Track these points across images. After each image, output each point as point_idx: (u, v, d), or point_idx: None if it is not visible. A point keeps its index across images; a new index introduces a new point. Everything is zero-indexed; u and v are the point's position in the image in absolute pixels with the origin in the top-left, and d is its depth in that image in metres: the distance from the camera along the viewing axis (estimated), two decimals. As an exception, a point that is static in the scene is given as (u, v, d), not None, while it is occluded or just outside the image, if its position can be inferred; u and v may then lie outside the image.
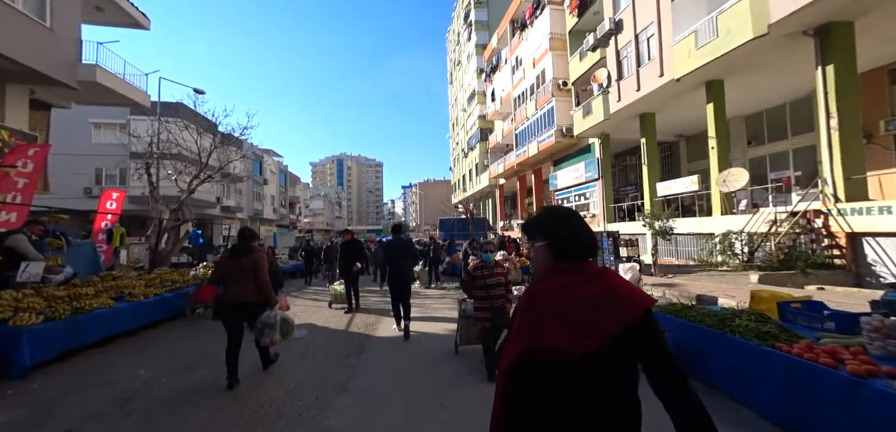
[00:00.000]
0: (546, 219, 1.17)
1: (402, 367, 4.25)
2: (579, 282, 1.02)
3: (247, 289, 3.70)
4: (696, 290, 7.04)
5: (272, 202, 44.33)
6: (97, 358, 4.81)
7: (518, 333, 1.05)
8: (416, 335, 5.40)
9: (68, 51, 9.57)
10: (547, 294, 1.04)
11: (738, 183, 10.63)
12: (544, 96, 21.42)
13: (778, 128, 14.04)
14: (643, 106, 14.37)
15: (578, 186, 20.57)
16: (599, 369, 0.96)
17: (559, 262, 1.08)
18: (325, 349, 5.00)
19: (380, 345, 5.14)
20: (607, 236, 11.92)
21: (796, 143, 13.38)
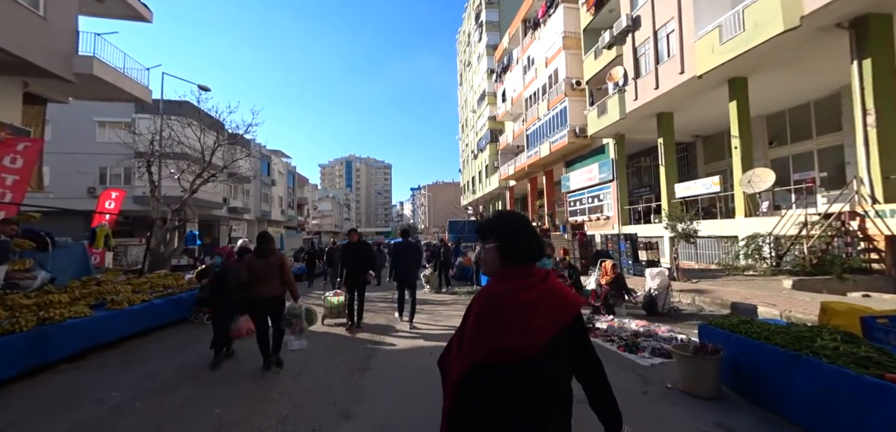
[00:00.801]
0: (499, 223, 1.23)
1: (414, 389, 3.75)
2: (528, 286, 1.10)
3: (273, 286, 4.15)
4: (727, 296, 6.64)
5: (280, 203, 44.54)
6: (67, 375, 4.34)
7: (473, 340, 1.08)
8: (429, 348, 5.08)
9: (64, 42, 9.00)
10: (501, 297, 1.10)
11: (763, 183, 10.13)
12: (557, 96, 21.02)
13: (802, 128, 13.43)
14: (661, 104, 13.90)
15: (592, 188, 20.10)
16: (544, 364, 1.05)
17: (509, 266, 1.15)
18: (325, 363, 4.56)
19: (388, 360, 4.70)
20: (625, 239, 11.53)
21: (822, 143, 12.77)
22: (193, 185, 12.54)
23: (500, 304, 1.09)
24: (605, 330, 5.14)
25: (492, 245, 1.18)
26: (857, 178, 8.47)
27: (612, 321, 5.56)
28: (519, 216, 1.25)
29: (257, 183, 38.07)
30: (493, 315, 1.08)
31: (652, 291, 6.16)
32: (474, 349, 1.05)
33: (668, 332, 4.96)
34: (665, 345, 4.32)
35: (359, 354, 4.91)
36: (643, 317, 6.07)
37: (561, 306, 1.09)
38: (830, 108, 12.36)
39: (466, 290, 10.41)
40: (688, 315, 6.12)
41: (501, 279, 1.15)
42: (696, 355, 3.21)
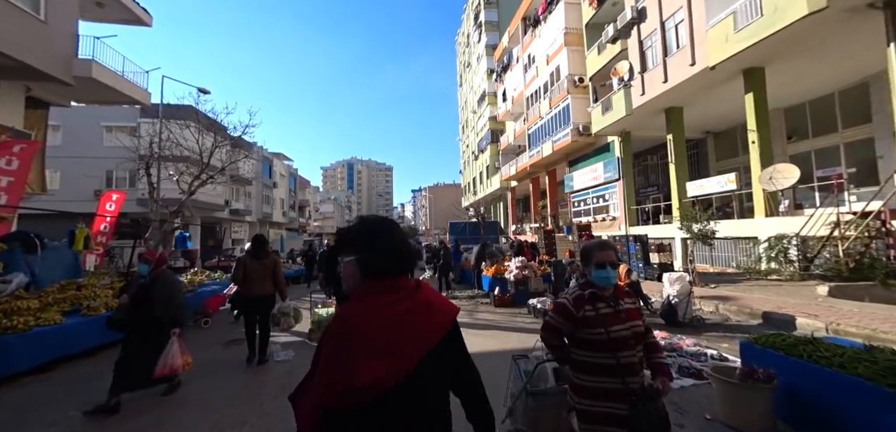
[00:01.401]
0: (358, 232, 1.08)
1: None
2: (395, 301, 0.98)
3: (266, 285, 4.42)
4: (755, 304, 5.96)
5: (281, 205, 44.28)
6: (30, 389, 3.96)
7: (325, 377, 0.92)
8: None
9: (63, 45, 9.16)
10: (359, 321, 0.96)
11: (786, 180, 9.43)
12: (559, 94, 20.41)
13: (825, 121, 12.68)
14: (670, 99, 13.23)
15: (596, 188, 19.41)
16: (416, 387, 0.94)
17: (373, 281, 1.01)
18: (312, 377, 4.12)
19: None
20: (635, 241, 10.85)
21: (849, 137, 12.00)
22: (192, 187, 12.15)
23: (357, 330, 0.94)
24: (620, 344, 4.49)
25: (350, 258, 1.04)
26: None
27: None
28: (382, 221, 1.11)
29: (259, 185, 37.87)
30: (348, 344, 0.93)
31: (671, 298, 5.50)
32: (326, 390, 0.90)
33: (694, 346, 4.31)
34: (694, 364, 3.68)
35: None
36: (662, 327, 5.41)
37: (435, 317, 1.01)
38: (858, 97, 11.59)
39: (468, 294, 9.78)
40: (712, 325, 5.45)
41: (360, 298, 1.01)
42: (744, 381, 2.57)
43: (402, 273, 1.03)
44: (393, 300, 0.97)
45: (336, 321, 1.00)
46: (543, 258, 10.45)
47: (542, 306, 6.31)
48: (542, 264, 9.18)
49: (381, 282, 1.00)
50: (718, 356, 3.90)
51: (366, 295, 1.00)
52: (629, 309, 1.67)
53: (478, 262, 10.05)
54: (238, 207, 31.87)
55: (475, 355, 3.89)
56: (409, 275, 1.07)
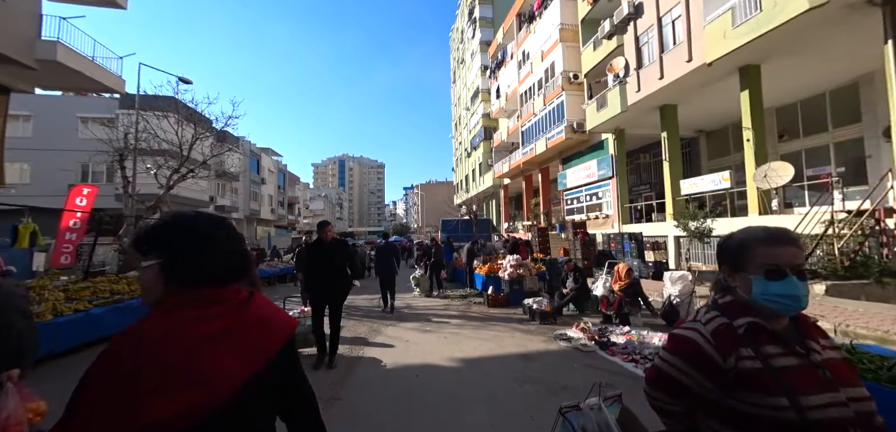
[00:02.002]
0: (165, 229, 0.83)
1: (395, 428, 2.86)
2: (210, 316, 0.78)
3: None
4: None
5: (270, 202, 43.32)
6: None
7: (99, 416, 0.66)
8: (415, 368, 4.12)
9: (24, 26, 8.50)
10: (157, 342, 0.72)
11: (781, 178, 9.37)
12: (554, 90, 20.23)
13: (815, 121, 12.75)
14: (665, 96, 13.13)
15: (590, 185, 19.31)
16: (236, 417, 0.78)
17: (182, 292, 0.80)
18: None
19: (364, 386, 3.74)
20: (630, 239, 10.69)
21: (839, 136, 12.08)
22: (170, 181, 11.51)
23: (151, 356, 0.69)
24: (623, 346, 4.24)
25: (153, 262, 0.80)
26: (893, 171, 7.70)
27: (630, 335, 4.66)
28: (203, 216, 0.88)
29: (246, 181, 36.86)
30: (132, 377, 0.67)
31: (672, 298, 5.28)
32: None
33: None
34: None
35: (328, 379, 3.93)
36: (663, 328, 5.19)
37: (263, 334, 0.83)
38: (848, 97, 11.68)
39: (460, 294, 9.46)
40: (715, 325, 5.25)
41: (161, 314, 0.77)
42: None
43: (225, 281, 0.84)
44: (206, 316, 0.77)
45: (122, 343, 0.73)
46: (538, 256, 10.20)
47: (539, 306, 6.04)
48: (537, 262, 8.93)
49: (193, 293, 0.80)
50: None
51: (169, 308, 0.79)
52: (834, 360, 0.89)
53: (469, 260, 9.75)
54: (224, 204, 30.96)
55: (471, 360, 3.53)
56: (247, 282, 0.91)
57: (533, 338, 5.00)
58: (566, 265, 6.64)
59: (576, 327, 5.10)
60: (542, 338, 4.97)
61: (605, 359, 3.97)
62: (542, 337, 5.05)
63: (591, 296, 6.43)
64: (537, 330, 5.44)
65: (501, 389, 3.35)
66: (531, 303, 6.32)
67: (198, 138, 11.61)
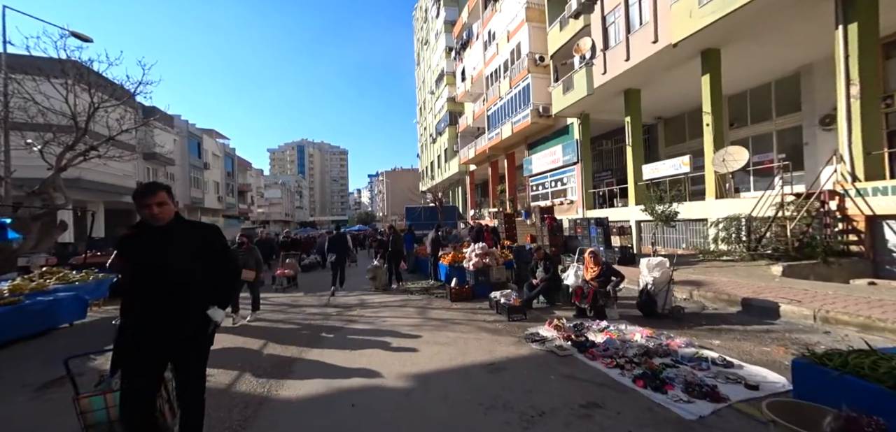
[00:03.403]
0: None
1: None
2: None
3: None
4: (728, 289, 5.57)
5: (216, 189, 39.22)
6: None
7: None
8: (349, 391, 3.22)
9: None
10: None
11: (736, 162, 9.54)
12: (519, 73, 19.72)
13: (761, 109, 13.39)
14: (630, 79, 13.04)
15: (555, 171, 19.25)
16: None
17: None
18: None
19: (278, 419, 2.77)
20: (596, 224, 10.45)
21: (781, 124, 12.76)
22: (61, 161, 9.25)
23: None
24: (603, 348, 3.64)
25: None
26: (837, 155, 7.95)
27: (609, 331, 4.10)
28: None
29: (185, 165, 32.87)
30: None
31: (649, 287, 4.83)
32: None
33: (686, 347, 3.59)
34: (700, 375, 2.89)
35: (235, 410, 2.91)
36: (639, 319, 4.73)
37: None
38: (790, 87, 12.30)
39: (421, 286, 8.61)
40: (691, 315, 4.89)
41: None
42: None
43: None
44: None
45: None
46: (506, 244, 9.62)
47: (506, 300, 5.36)
48: (504, 250, 8.31)
49: None
50: (720, 360, 3.19)
51: None
52: None
53: (434, 249, 8.91)
54: (157, 190, 27.18)
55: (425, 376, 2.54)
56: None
57: (501, 340, 4.29)
58: (535, 253, 6.02)
59: (549, 324, 4.47)
60: (512, 340, 4.28)
61: (586, 365, 3.34)
62: (512, 337, 4.36)
63: (562, 286, 5.89)
64: (505, 329, 4.76)
65: (461, 419, 2.57)
66: (498, 297, 5.64)
67: (97, 107, 9.41)
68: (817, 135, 11.84)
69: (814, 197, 8.05)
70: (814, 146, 11.95)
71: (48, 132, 9.47)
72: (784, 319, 4.38)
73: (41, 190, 8.90)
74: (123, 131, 10.44)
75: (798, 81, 12.26)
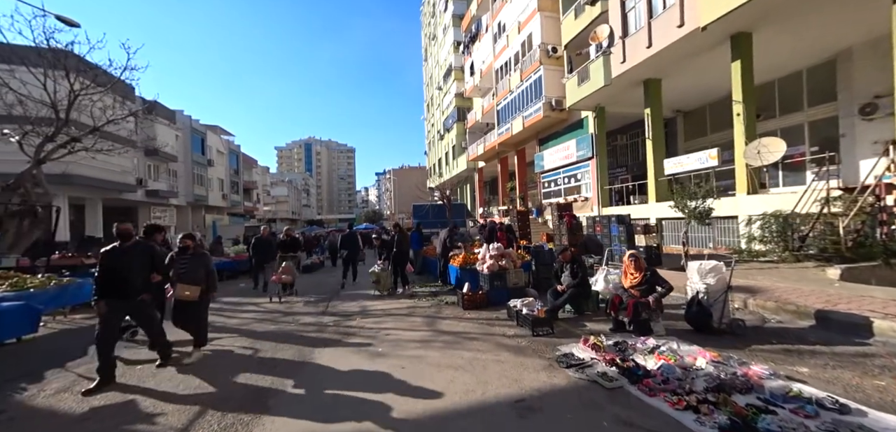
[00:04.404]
0: None
1: None
2: None
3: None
4: (788, 296, 4.78)
5: (220, 187, 38.97)
6: None
7: None
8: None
9: None
10: None
11: (772, 154, 8.66)
12: (531, 65, 18.90)
13: (792, 99, 12.40)
14: (652, 68, 12.17)
15: (568, 167, 18.42)
16: None
17: None
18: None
19: None
20: (617, 222, 9.65)
21: (813, 115, 11.78)
22: (40, 152, 8.71)
23: None
24: (660, 376, 2.91)
25: None
26: (893, 144, 7.06)
27: (663, 354, 3.37)
28: None
29: (188, 162, 32.54)
30: None
31: (701, 296, 4.08)
32: None
33: (770, 378, 2.82)
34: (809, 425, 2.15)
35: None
36: (690, 335, 3.99)
37: None
38: (825, 75, 11.33)
39: (429, 290, 7.94)
40: (753, 328, 4.10)
41: None
42: None
43: None
44: None
45: None
46: (522, 244, 8.89)
47: (530, 311, 4.65)
48: (520, 251, 7.59)
49: None
50: (830, 402, 2.41)
51: None
52: None
53: (445, 251, 8.22)
54: (158, 187, 26.91)
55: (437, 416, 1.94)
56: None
57: (527, 363, 3.59)
58: (560, 255, 5.29)
59: (583, 343, 3.76)
60: (541, 363, 3.57)
61: (646, 404, 2.61)
62: (541, 360, 3.65)
63: (591, 293, 5.16)
64: (530, 346, 4.05)
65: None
66: (519, 306, 4.93)
67: (78, 94, 8.80)
68: (856, 125, 10.87)
69: (868, 191, 7.17)
70: (852, 137, 10.98)
71: (27, 123, 8.91)
72: (880, 338, 3.59)
73: (17, 183, 8.37)
74: (109, 121, 9.84)
75: (833, 68, 11.29)
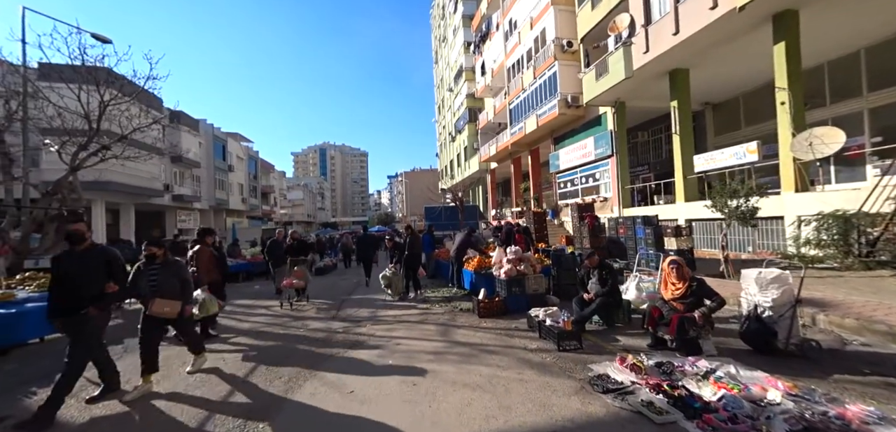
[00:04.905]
0: None
1: None
2: None
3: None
4: (866, 311, 4.06)
5: (240, 191, 39.90)
6: None
7: None
8: None
9: None
10: None
11: (829, 146, 7.76)
12: (545, 61, 18.26)
13: (846, 84, 11.21)
14: (678, 58, 11.36)
15: (586, 166, 17.62)
16: None
17: None
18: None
19: None
20: (643, 223, 8.95)
21: (875, 101, 10.59)
22: (75, 161, 8.97)
23: None
24: (725, 413, 2.35)
25: None
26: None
27: (721, 382, 2.79)
28: None
29: (210, 168, 33.48)
30: None
31: (760, 310, 3.46)
32: None
33: (876, 422, 2.21)
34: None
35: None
36: (749, 355, 3.37)
37: None
38: (888, 55, 10.11)
39: (443, 295, 7.50)
40: (829, 351, 3.41)
41: None
42: None
43: None
44: None
45: None
46: (541, 246, 8.32)
47: (554, 322, 4.12)
48: (540, 254, 7.03)
49: None
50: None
51: None
52: None
53: (459, 254, 7.76)
54: (183, 192, 27.78)
55: None
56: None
57: (555, 385, 3.08)
58: (587, 260, 4.73)
59: (620, 362, 3.20)
60: (572, 385, 3.05)
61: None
62: (571, 381, 3.13)
63: (622, 305, 4.58)
64: (557, 364, 3.53)
65: None
66: (541, 316, 4.41)
67: (108, 104, 8.97)
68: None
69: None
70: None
71: (65, 135, 9.20)
72: None
73: (55, 190, 8.60)
74: (136, 129, 10.00)
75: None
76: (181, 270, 3.65)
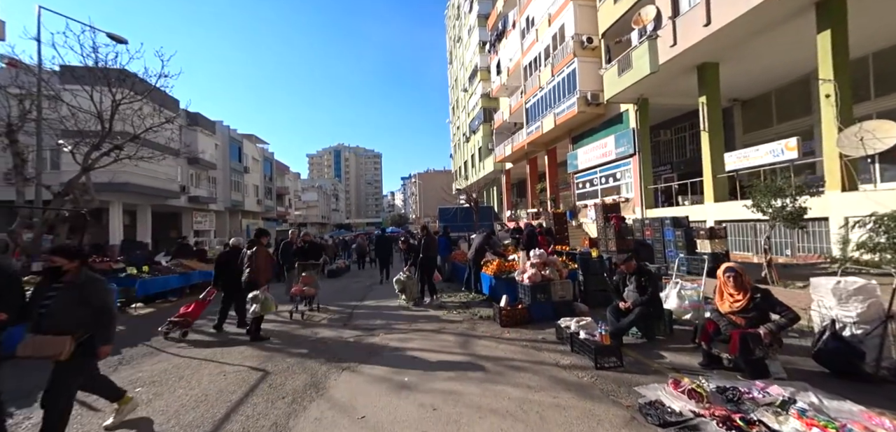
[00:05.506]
0: None
1: None
2: None
3: None
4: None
5: (255, 192, 40.56)
6: None
7: None
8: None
9: None
10: None
11: (884, 141, 7.05)
12: (564, 58, 17.70)
13: (893, 77, 10.36)
14: (709, 50, 10.70)
15: (606, 165, 16.96)
16: None
17: None
18: None
19: None
20: (673, 225, 8.39)
21: (927, 93, 9.71)
22: (88, 159, 9.03)
23: None
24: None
25: None
26: None
27: (805, 416, 2.34)
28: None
29: (226, 169, 34.12)
30: None
31: (839, 327, 2.97)
32: None
33: None
34: None
35: None
36: (826, 379, 2.89)
37: None
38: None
39: (460, 300, 7.13)
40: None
41: None
42: None
43: None
44: None
45: None
46: (563, 249, 7.86)
47: (589, 335, 3.72)
48: (563, 257, 6.59)
49: None
50: None
51: None
52: None
53: (478, 255, 7.39)
54: (199, 194, 28.30)
55: None
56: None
57: (599, 412, 2.68)
58: (624, 265, 4.30)
59: (673, 386, 2.78)
60: (619, 413, 2.65)
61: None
62: (616, 406, 2.73)
63: (663, 316, 4.12)
64: (597, 384, 3.13)
65: None
66: (572, 327, 4.00)
67: (119, 103, 8.98)
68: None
69: None
70: None
71: (78, 136, 9.26)
72: None
73: (67, 190, 8.63)
74: (148, 129, 10.01)
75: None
76: (99, 294, 2.49)
